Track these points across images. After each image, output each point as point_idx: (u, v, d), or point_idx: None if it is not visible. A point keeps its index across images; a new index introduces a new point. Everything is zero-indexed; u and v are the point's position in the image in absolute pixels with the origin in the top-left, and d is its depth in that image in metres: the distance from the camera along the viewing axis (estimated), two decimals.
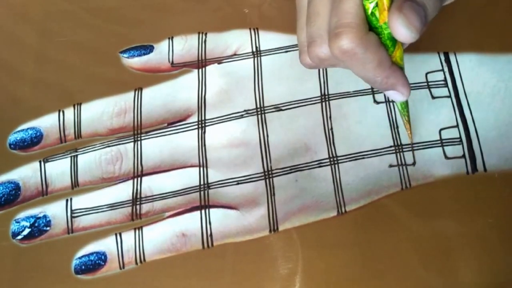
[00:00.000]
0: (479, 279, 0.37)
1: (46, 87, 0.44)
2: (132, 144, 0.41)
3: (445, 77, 0.42)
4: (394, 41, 0.32)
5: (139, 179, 0.40)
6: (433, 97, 0.42)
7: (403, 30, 0.30)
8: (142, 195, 0.40)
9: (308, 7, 0.34)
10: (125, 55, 0.44)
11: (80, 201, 0.40)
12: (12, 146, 0.41)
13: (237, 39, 0.44)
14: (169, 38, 0.45)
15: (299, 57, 0.36)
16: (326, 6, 0.32)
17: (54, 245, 0.39)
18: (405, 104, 0.37)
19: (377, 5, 0.30)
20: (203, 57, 0.44)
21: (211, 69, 0.43)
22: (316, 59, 0.34)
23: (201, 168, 0.40)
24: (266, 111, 0.42)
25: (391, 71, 0.32)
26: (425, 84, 0.42)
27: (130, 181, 0.40)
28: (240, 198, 0.39)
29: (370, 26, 0.31)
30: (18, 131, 0.42)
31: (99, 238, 0.39)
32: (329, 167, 0.40)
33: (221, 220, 0.39)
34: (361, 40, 0.30)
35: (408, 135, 0.40)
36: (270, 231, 0.39)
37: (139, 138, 0.41)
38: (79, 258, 0.38)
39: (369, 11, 0.31)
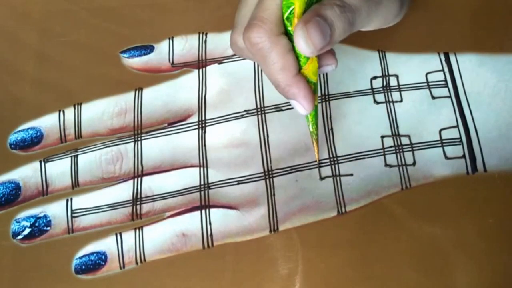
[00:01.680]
0: (479, 279, 0.37)
1: (47, 87, 0.44)
2: (132, 144, 0.41)
3: (445, 77, 0.42)
4: None
5: (139, 179, 0.40)
6: (433, 97, 0.42)
7: (302, 43, 0.30)
8: (143, 195, 0.40)
9: None
10: (125, 55, 0.44)
11: (80, 201, 0.40)
12: (12, 146, 0.42)
13: None
14: (169, 38, 0.45)
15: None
16: None
17: (55, 245, 0.39)
18: (314, 122, 0.36)
19: (293, 11, 0.31)
20: (204, 57, 0.44)
21: (211, 69, 0.43)
22: (235, 47, 0.35)
23: (202, 168, 0.40)
24: (266, 111, 0.42)
25: (295, 80, 0.32)
26: (425, 84, 0.42)
27: (131, 181, 0.40)
28: (240, 198, 0.39)
29: (286, 31, 0.32)
30: (19, 131, 0.42)
31: (99, 238, 0.39)
32: (329, 167, 0.40)
33: (221, 220, 0.39)
34: (269, 38, 0.31)
35: (315, 152, 0.39)
36: (270, 231, 0.39)
37: (139, 138, 0.41)
38: (80, 258, 0.38)
39: (285, 16, 0.31)
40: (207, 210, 0.39)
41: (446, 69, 0.42)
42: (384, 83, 0.42)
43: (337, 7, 0.31)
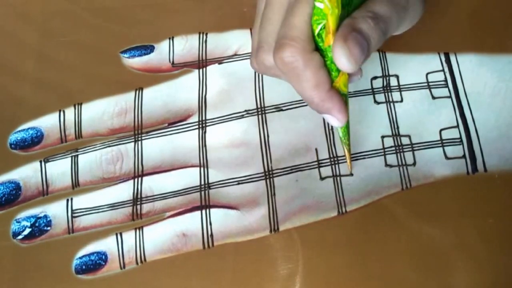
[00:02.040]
0: (480, 279, 0.37)
1: (47, 87, 0.44)
2: (132, 144, 0.41)
3: (445, 78, 0.42)
4: None
5: (139, 179, 0.40)
6: (433, 98, 0.42)
7: (344, 61, 0.30)
8: (143, 195, 0.40)
9: (263, 11, 0.34)
10: (125, 55, 0.44)
11: (80, 201, 0.40)
12: (12, 146, 0.41)
13: (238, 39, 0.44)
14: (169, 38, 0.45)
15: (250, 59, 0.37)
16: (278, 14, 0.33)
17: (55, 245, 0.39)
18: (346, 132, 0.37)
19: (324, 27, 0.30)
20: (204, 57, 0.44)
21: (211, 69, 0.43)
22: (262, 66, 0.35)
23: (202, 168, 0.40)
24: (266, 111, 0.42)
25: (328, 95, 0.32)
26: (426, 84, 0.42)
27: (131, 181, 0.40)
28: (240, 198, 0.39)
29: (316, 47, 0.31)
30: (19, 131, 0.42)
31: (99, 238, 0.39)
32: (329, 167, 0.40)
33: (221, 220, 0.39)
34: (303, 56, 0.31)
35: (348, 165, 0.39)
36: (270, 231, 0.39)
37: (139, 138, 0.41)
38: (80, 258, 0.38)
39: (316, 32, 0.31)
40: (208, 210, 0.39)
41: (446, 69, 0.42)
42: (385, 83, 0.42)
43: (371, 19, 0.31)
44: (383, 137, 0.41)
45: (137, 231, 0.39)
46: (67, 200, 0.40)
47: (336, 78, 0.32)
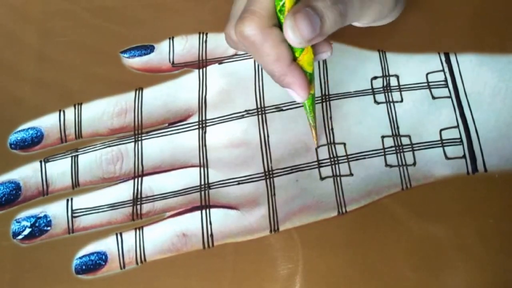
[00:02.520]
0: (480, 279, 0.37)
1: (47, 87, 0.44)
2: (132, 144, 0.41)
3: (445, 78, 0.42)
4: None
5: (139, 179, 0.40)
6: (433, 98, 0.42)
7: (290, 34, 0.31)
8: (143, 195, 0.40)
9: None
10: (125, 55, 0.44)
11: (80, 201, 0.40)
12: (12, 146, 0.41)
13: None
14: (169, 38, 0.45)
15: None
16: None
17: (55, 245, 0.39)
18: (311, 109, 0.37)
19: (284, 4, 0.31)
20: (204, 57, 0.44)
21: (212, 69, 0.43)
22: (229, 40, 0.36)
23: (202, 168, 0.40)
24: (267, 111, 0.42)
25: (289, 69, 0.33)
26: (426, 84, 0.42)
27: (131, 181, 0.40)
28: (240, 198, 0.39)
29: (279, 24, 0.32)
30: (19, 131, 0.42)
31: (99, 238, 0.39)
32: (329, 167, 0.40)
33: (221, 220, 0.39)
34: (261, 30, 0.31)
35: (313, 138, 0.40)
36: (270, 231, 0.39)
37: (139, 138, 0.41)
38: (80, 258, 0.38)
39: (278, 8, 0.31)
40: (208, 210, 0.39)
41: (446, 69, 0.42)
42: (385, 83, 0.42)
43: None
44: (383, 137, 0.41)
45: (137, 231, 0.39)
46: (67, 200, 0.40)
47: (299, 56, 0.33)
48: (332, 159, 0.40)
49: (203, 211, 0.39)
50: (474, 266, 0.37)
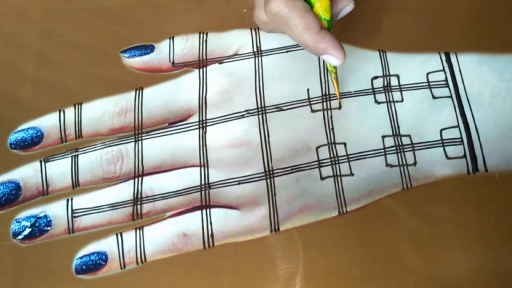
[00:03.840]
0: (481, 279, 0.37)
1: (47, 87, 0.44)
2: (133, 144, 0.41)
3: (446, 77, 0.42)
4: None
5: (140, 179, 0.40)
6: (434, 97, 0.42)
7: None
8: (143, 195, 0.40)
9: None
10: (126, 55, 0.44)
11: (81, 201, 0.40)
12: (12, 146, 0.41)
13: (238, 39, 0.44)
14: (170, 38, 0.45)
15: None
16: None
17: (55, 245, 0.39)
18: (334, 67, 0.39)
19: None
20: (204, 57, 0.44)
21: (212, 69, 0.43)
22: (259, 22, 0.39)
23: (202, 168, 0.40)
24: (267, 111, 0.42)
25: (319, 36, 0.35)
26: (426, 84, 0.42)
27: (131, 181, 0.40)
28: (241, 198, 0.39)
29: None
30: (19, 130, 0.42)
31: (100, 238, 0.39)
32: (330, 167, 0.40)
33: (222, 220, 0.39)
34: (286, 4, 0.34)
35: (336, 93, 0.41)
36: (271, 231, 0.39)
37: (140, 138, 0.41)
38: (80, 258, 0.38)
39: None
40: (208, 210, 0.39)
41: (447, 69, 0.42)
42: (385, 83, 0.42)
43: None
44: (383, 137, 0.41)
45: (138, 231, 0.39)
46: (67, 200, 0.40)
47: (316, 3, 0.35)
48: (332, 159, 0.40)
49: (204, 211, 0.39)
50: (474, 266, 0.37)
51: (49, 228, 0.39)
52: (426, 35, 0.44)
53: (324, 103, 0.42)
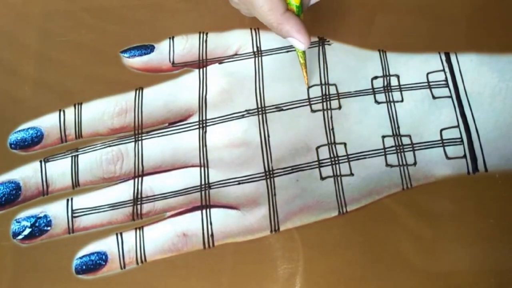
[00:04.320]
0: (480, 279, 0.37)
1: (47, 87, 0.44)
2: (133, 144, 0.41)
3: (446, 77, 0.42)
4: None
5: (140, 179, 0.40)
6: (434, 97, 0.42)
7: None
8: (143, 195, 0.40)
9: None
10: (126, 55, 0.44)
11: (80, 201, 0.40)
12: (12, 146, 0.41)
13: (238, 39, 0.44)
14: (170, 38, 0.45)
15: None
16: None
17: (55, 245, 0.39)
18: (303, 52, 0.40)
19: None
20: (204, 57, 0.44)
21: (212, 69, 0.43)
22: (233, 3, 0.39)
23: (202, 168, 0.40)
24: (267, 111, 0.42)
25: (284, 18, 0.35)
26: (426, 84, 0.42)
27: (131, 181, 0.40)
28: (241, 198, 0.39)
29: None
30: (19, 130, 0.42)
31: (100, 238, 0.39)
32: (330, 167, 0.40)
33: (222, 220, 0.39)
34: None
35: (304, 77, 0.41)
36: (271, 231, 0.39)
37: (140, 138, 0.41)
38: (80, 258, 0.38)
39: None
40: (208, 210, 0.39)
41: (447, 69, 0.42)
42: (385, 83, 0.42)
43: None
44: (383, 137, 0.41)
45: (138, 231, 0.39)
46: (67, 200, 0.40)
47: None
48: (332, 159, 0.40)
49: (204, 211, 0.39)
50: (474, 265, 0.37)
51: (49, 228, 0.39)
52: (426, 35, 0.44)
53: (324, 103, 0.42)
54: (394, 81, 0.42)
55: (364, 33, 0.42)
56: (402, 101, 0.42)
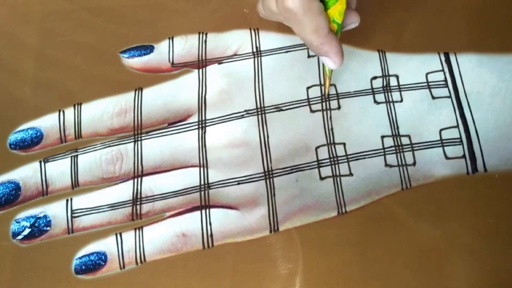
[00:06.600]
0: (480, 279, 0.37)
1: (46, 87, 0.44)
2: (132, 144, 0.41)
3: (445, 77, 0.42)
4: None
5: (139, 179, 0.40)
6: (433, 97, 0.42)
7: None
8: (143, 195, 0.40)
9: None
10: (125, 55, 0.44)
11: (80, 201, 0.40)
12: (12, 146, 0.41)
13: (238, 39, 0.44)
14: (169, 38, 0.45)
15: (257, 4, 0.40)
16: None
17: (54, 245, 0.39)
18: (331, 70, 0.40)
19: None
20: (204, 57, 0.44)
21: (211, 69, 0.43)
22: (267, 11, 0.38)
23: (202, 168, 0.40)
24: (266, 111, 0.42)
25: (327, 39, 0.35)
26: (426, 84, 0.42)
27: (131, 181, 0.40)
28: (240, 198, 0.39)
29: None
30: (18, 131, 0.42)
31: (99, 238, 0.39)
32: (329, 167, 0.40)
33: (221, 220, 0.39)
34: (303, 3, 0.34)
35: (326, 87, 0.41)
36: (270, 231, 0.39)
37: (139, 138, 0.41)
38: (80, 258, 0.38)
39: None
40: (207, 210, 0.39)
41: (446, 69, 0.42)
42: (384, 83, 0.42)
43: None
44: (383, 137, 0.41)
45: (137, 231, 0.39)
46: (67, 200, 0.40)
47: (332, 5, 0.35)
48: (332, 159, 0.40)
49: (203, 211, 0.39)
50: (474, 266, 0.37)
51: (48, 228, 0.39)
52: (426, 35, 0.44)
53: (324, 103, 0.42)
54: (393, 81, 0.42)
55: (363, 33, 0.42)
56: (401, 101, 0.42)
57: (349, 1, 0.37)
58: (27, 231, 0.39)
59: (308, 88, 0.42)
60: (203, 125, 0.41)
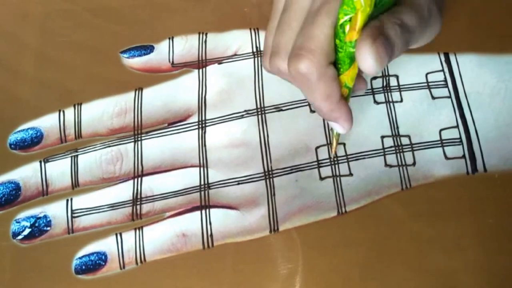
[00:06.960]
0: (479, 279, 0.37)
1: (46, 87, 0.44)
2: (132, 144, 0.41)
3: (445, 78, 0.42)
4: (352, 60, 0.31)
5: (139, 179, 0.40)
6: (433, 98, 0.42)
7: (370, 61, 0.29)
8: (143, 195, 0.40)
9: (282, 14, 0.34)
10: (125, 55, 0.44)
11: (80, 201, 0.40)
12: (12, 146, 0.41)
13: (238, 39, 0.44)
14: (169, 38, 0.45)
15: (262, 58, 0.38)
16: (298, 21, 0.33)
17: (54, 245, 0.39)
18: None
19: (350, 20, 0.29)
20: (204, 57, 0.44)
21: (211, 69, 0.43)
22: (275, 69, 0.35)
23: (202, 168, 0.40)
24: (266, 111, 0.42)
25: (337, 106, 0.33)
26: (425, 84, 0.42)
27: (131, 181, 0.40)
28: (240, 198, 0.39)
29: (335, 36, 0.31)
30: (19, 131, 0.42)
31: (99, 238, 0.39)
32: (329, 167, 0.40)
33: (221, 220, 0.39)
34: (318, 70, 0.31)
35: (332, 149, 0.40)
36: (270, 231, 0.39)
37: (139, 138, 0.41)
38: (80, 258, 0.38)
39: (340, 22, 0.30)
40: (207, 210, 0.39)
41: (446, 69, 0.42)
42: (384, 83, 0.42)
43: (399, 27, 0.31)
44: (382, 137, 0.41)
45: (137, 231, 0.39)
46: (67, 200, 0.40)
47: (345, 71, 0.32)
48: (331, 159, 0.40)
49: (203, 211, 0.39)
50: (473, 266, 0.37)
51: (48, 228, 0.39)
52: None
53: None
54: (393, 81, 0.42)
55: None
56: (401, 101, 0.42)
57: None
58: (27, 231, 0.39)
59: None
60: (203, 125, 0.42)
